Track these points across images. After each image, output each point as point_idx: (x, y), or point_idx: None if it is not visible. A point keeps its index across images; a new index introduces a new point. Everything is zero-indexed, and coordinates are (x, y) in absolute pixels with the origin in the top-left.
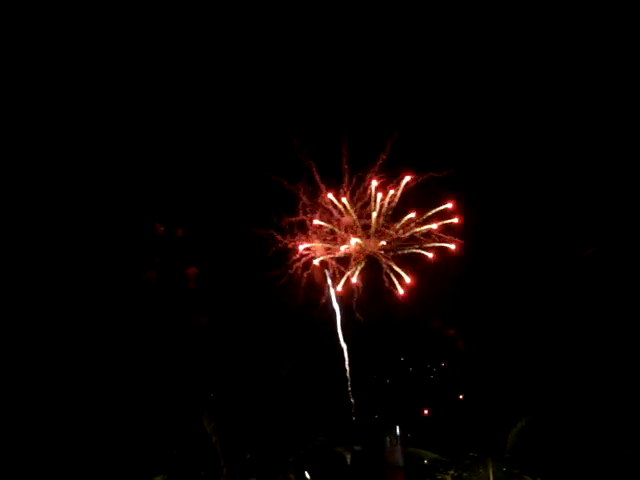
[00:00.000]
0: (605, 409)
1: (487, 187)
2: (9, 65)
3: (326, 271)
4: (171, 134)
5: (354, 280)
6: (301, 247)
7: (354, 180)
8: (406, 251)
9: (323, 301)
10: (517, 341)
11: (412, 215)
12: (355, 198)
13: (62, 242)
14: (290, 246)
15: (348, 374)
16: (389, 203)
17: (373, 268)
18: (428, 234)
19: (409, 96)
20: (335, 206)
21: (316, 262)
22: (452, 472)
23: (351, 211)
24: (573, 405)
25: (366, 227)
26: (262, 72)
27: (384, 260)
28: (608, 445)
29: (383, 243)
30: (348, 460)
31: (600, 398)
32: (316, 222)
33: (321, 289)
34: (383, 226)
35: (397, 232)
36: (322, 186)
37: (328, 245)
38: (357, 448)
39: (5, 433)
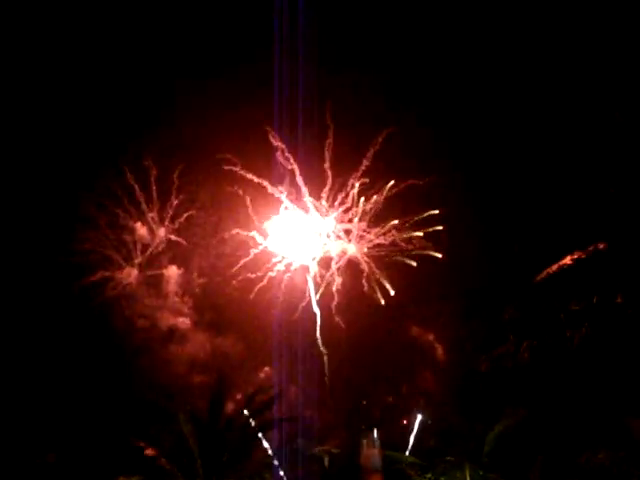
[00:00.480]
0: (582, 414)
1: (472, 195)
2: None
3: (307, 275)
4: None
5: (335, 285)
6: (282, 250)
7: (337, 184)
8: (386, 259)
9: (303, 305)
10: (496, 344)
11: (395, 222)
12: (337, 203)
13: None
14: (271, 249)
15: (327, 378)
16: (371, 209)
17: (354, 273)
18: (411, 241)
19: (396, 101)
20: (317, 209)
21: (297, 266)
22: (429, 476)
23: (333, 215)
24: (551, 410)
25: (348, 232)
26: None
27: (366, 265)
28: (584, 450)
29: (365, 249)
30: (326, 462)
31: (578, 403)
32: (298, 225)
33: (301, 293)
34: (365, 231)
35: (379, 237)
36: (305, 189)
37: (310, 248)
38: (335, 451)
39: None
